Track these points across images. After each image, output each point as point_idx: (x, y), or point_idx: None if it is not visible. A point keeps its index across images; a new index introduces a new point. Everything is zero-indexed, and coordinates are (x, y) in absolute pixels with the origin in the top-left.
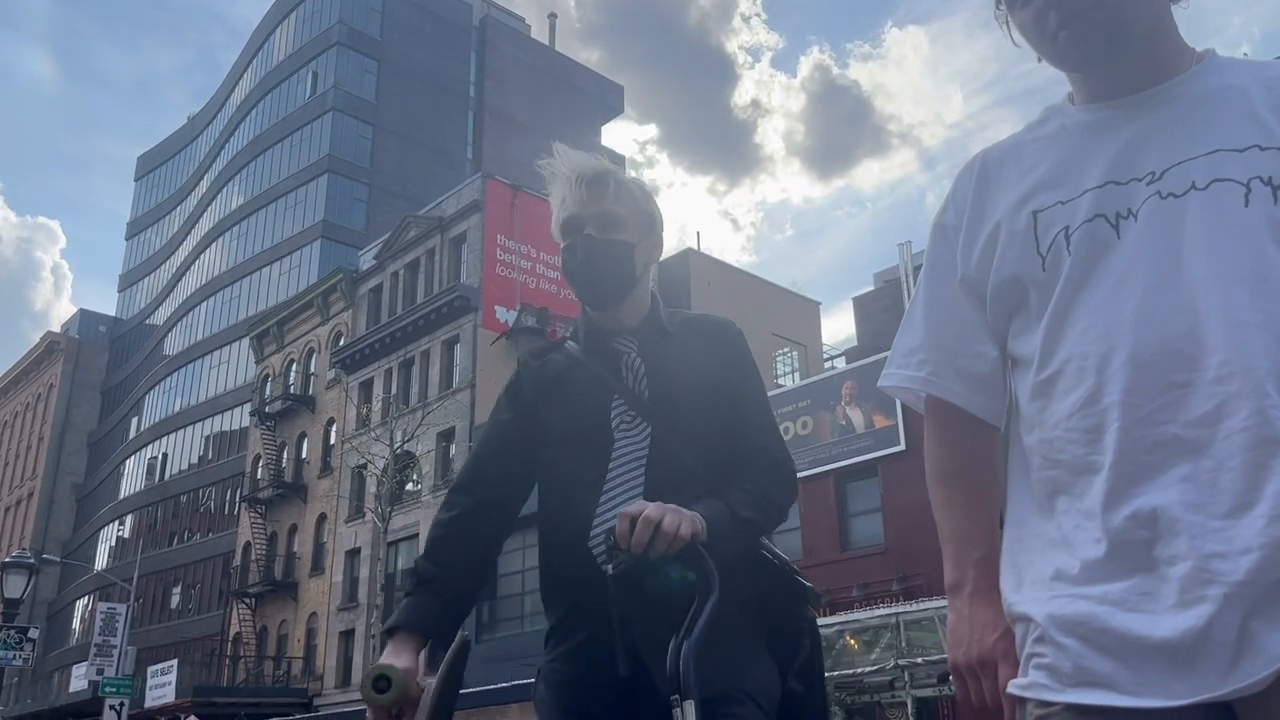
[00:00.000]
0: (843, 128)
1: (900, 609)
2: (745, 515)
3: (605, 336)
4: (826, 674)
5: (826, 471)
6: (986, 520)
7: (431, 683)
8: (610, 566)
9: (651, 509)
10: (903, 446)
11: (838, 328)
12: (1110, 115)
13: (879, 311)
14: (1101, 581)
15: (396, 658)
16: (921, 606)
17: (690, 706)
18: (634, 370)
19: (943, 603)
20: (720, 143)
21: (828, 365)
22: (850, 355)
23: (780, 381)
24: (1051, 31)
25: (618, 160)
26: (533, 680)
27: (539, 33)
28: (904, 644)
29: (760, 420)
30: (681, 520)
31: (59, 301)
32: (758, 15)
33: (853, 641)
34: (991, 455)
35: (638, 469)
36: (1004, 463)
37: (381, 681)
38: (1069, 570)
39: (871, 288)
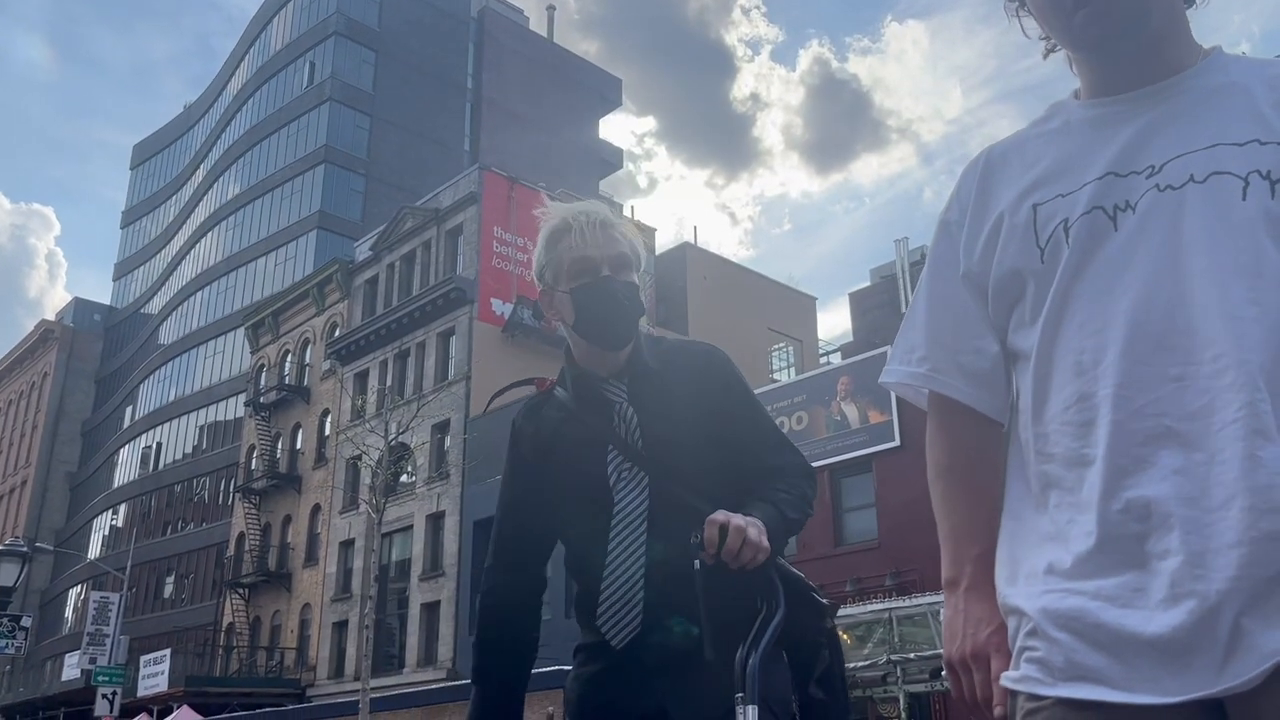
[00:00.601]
0: (841, 122)
1: (893, 604)
2: (792, 516)
3: (594, 384)
4: None
5: (821, 467)
6: (986, 516)
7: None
8: (697, 562)
9: (738, 519)
10: (897, 442)
11: (834, 323)
12: (1115, 110)
13: (875, 307)
14: (1094, 576)
15: None
16: (914, 602)
17: (753, 711)
18: (626, 420)
19: (936, 598)
20: (719, 136)
21: (823, 360)
22: (846, 351)
23: (776, 376)
24: (1069, 9)
25: (614, 152)
26: (544, 670)
27: (537, 24)
28: (897, 639)
29: (776, 440)
30: (761, 534)
31: (53, 289)
32: (757, 8)
33: (845, 636)
34: (993, 452)
35: (639, 525)
36: (1006, 459)
37: None
38: (1061, 564)
39: (868, 283)
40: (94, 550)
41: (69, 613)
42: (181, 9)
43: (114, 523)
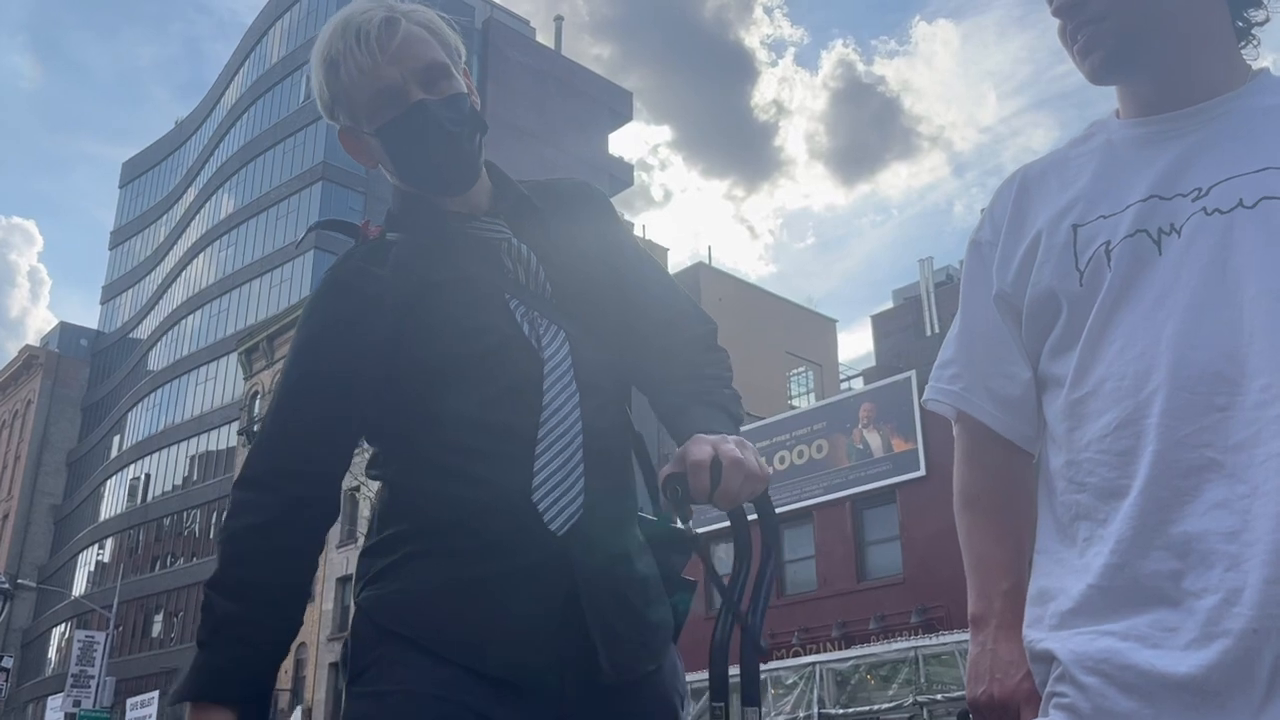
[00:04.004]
0: (869, 129)
1: (919, 642)
2: (738, 416)
3: (458, 221)
4: (842, 710)
5: (843, 498)
6: (1015, 549)
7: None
8: (679, 520)
9: (728, 447)
10: (923, 472)
11: (856, 345)
12: (1157, 130)
13: (898, 330)
14: (1125, 615)
15: None
16: (942, 640)
17: (754, 715)
18: (523, 261)
19: (964, 636)
20: (738, 145)
21: (844, 386)
22: (868, 376)
23: (794, 403)
24: (1070, 40)
25: (624, 168)
26: None
27: (544, 36)
28: (923, 679)
29: (674, 294)
30: (756, 455)
31: (36, 309)
32: (780, 8)
33: (869, 677)
34: (1023, 481)
35: (570, 387)
36: (1035, 489)
37: None
38: (1091, 603)
39: (891, 305)
40: (79, 587)
41: (52, 653)
42: (168, 13)
43: (100, 558)
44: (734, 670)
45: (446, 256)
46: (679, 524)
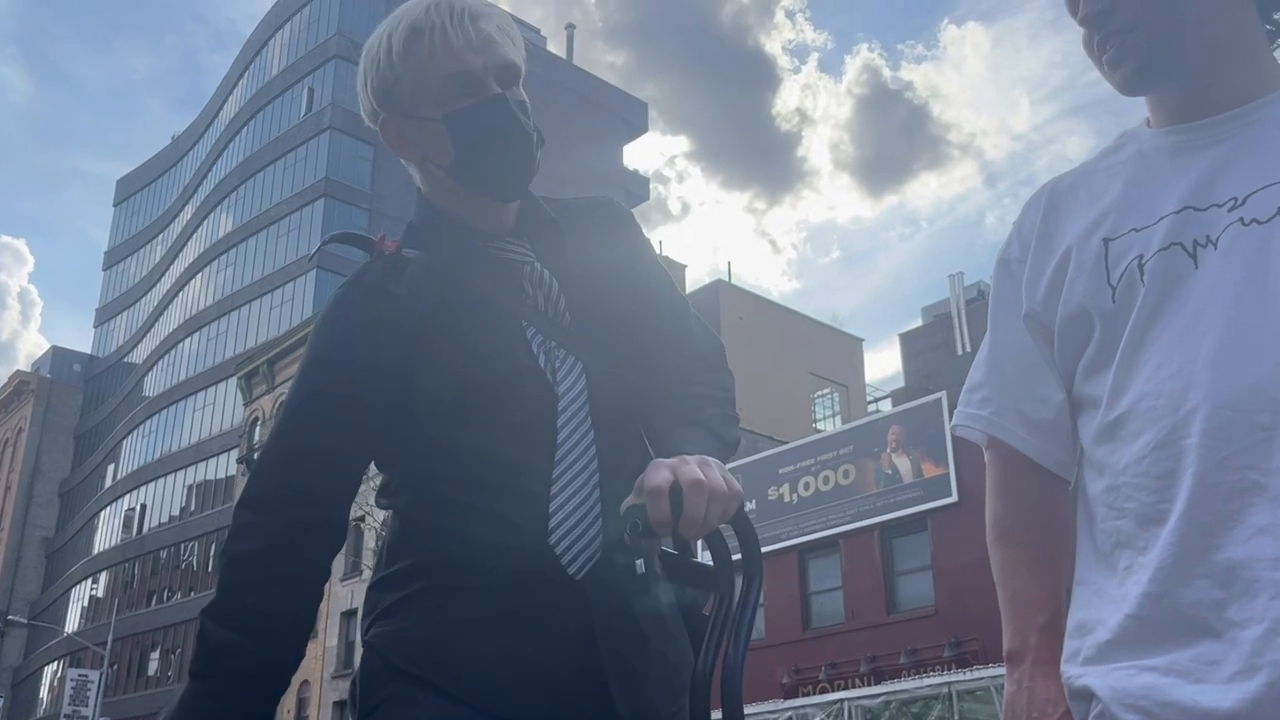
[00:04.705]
0: (896, 137)
1: (953, 677)
2: (731, 437)
3: (482, 241)
4: None
5: (870, 526)
6: (1052, 581)
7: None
8: (640, 562)
9: (688, 469)
10: (955, 498)
11: (884, 365)
12: (1189, 138)
13: (928, 349)
14: (1166, 648)
15: None
16: (976, 675)
17: None
18: (543, 286)
19: (1000, 671)
20: (759, 155)
21: (872, 408)
22: (896, 397)
23: (819, 426)
24: (1098, 50)
25: (639, 181)
26: None
27: (556, 45)
28: (957, 717)
29: (683, 311)
30: (722, 471)
31: (26, 332)
32: (802, 12)
33: (901, 714)
34: (1059, 510)
35: (585, 420)
36: (1073, 518)
37: None
38: (1130, 635)
39: (920, 322)
40: (72, 623)
41: (44, 692)
42: (164, 24)
43: (94, 593)
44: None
45: (465, 277)
46: (640, 565)
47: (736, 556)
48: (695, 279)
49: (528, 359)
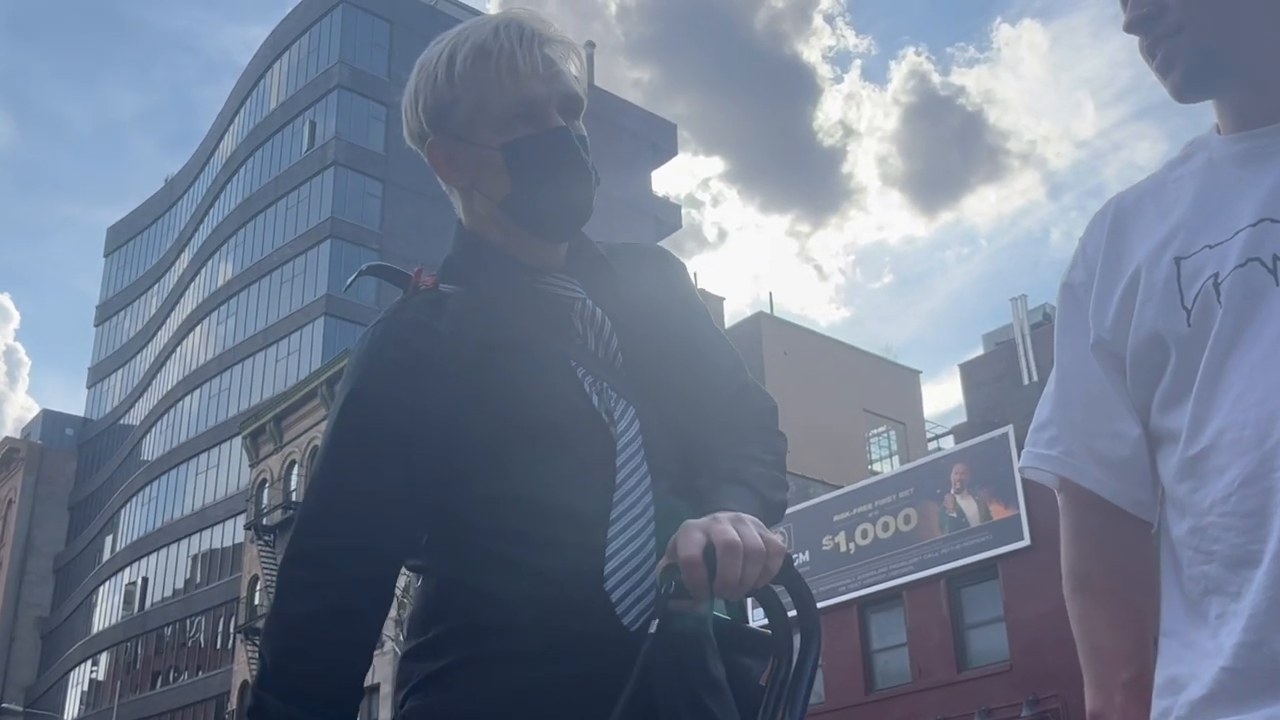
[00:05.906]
0: (949, 148)
1: None
2: (775, 499)
3: (529, 276)
4: None
5: (936, 575)
6: (1136, 634)
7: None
8: (654, 622)
9: (722, 529)
10: (1027, 541)
11: (944, 399)
12: (1263, 144)
13: (991, 380)
14: (1265, 701)
15: None
16: None
17: None
18: (595, 325)
19: None
20: (801, 173)
21: (932, 446)
22: (959, 433)
23: (876, 467)
24: (1149, 55)
25: (670, 209)
26: None
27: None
28: None
29: (737, 366)
30: (761, 530)
31: (14, 394)
32: (841, 16)
33: None
34: (1140, 555)
35: (641, 467)
36: (1157, 563)
37: None
38: (1226, 690)
39: (981, 351)
40: (71, 709)
41: None
42: (151, 58)
43: (94, 676)
44: None
45: (511, 315)
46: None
47: (793, 613)
48: (735, 311)
49: (580, 400)
